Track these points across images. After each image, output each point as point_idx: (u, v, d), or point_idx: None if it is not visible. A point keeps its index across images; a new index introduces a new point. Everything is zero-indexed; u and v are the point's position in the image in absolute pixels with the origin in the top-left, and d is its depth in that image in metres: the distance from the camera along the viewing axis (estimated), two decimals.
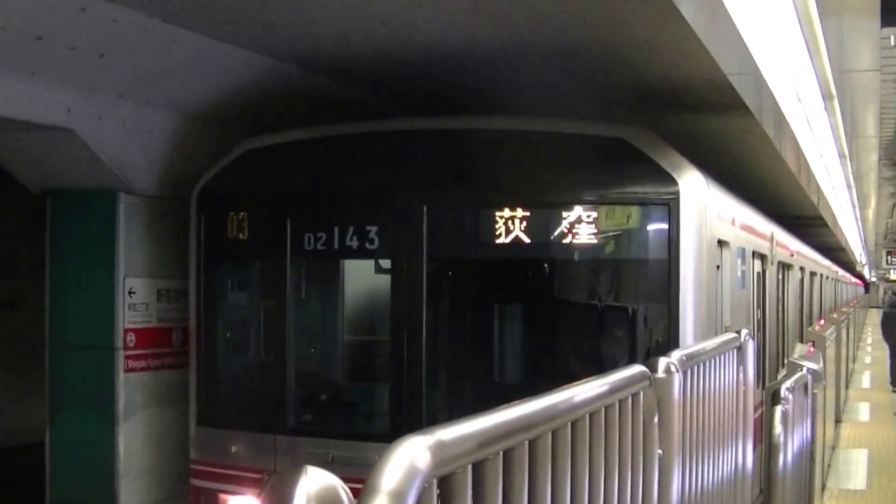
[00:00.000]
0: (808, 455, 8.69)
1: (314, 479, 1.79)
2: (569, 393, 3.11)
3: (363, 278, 10.23)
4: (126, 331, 10.26)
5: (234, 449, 9.81)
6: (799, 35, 7.82)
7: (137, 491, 10.45)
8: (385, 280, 9.64)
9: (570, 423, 3.02)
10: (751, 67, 8.08)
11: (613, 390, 3.51)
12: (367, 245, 9.51)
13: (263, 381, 10.26)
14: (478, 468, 2.44)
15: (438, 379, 9.52)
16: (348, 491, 1.83)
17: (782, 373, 11.67)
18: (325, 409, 10.32)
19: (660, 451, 4.15)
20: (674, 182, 8.80)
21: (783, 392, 7.02)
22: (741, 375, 6.17)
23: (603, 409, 3.35)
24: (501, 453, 2.54)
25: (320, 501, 1.76)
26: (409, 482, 2.00)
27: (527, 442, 2.70)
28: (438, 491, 2.23)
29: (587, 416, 3.18)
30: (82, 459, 10.41)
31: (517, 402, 2.76)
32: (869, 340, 51.66)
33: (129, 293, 10.26)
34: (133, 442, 10.38)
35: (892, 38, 6.62)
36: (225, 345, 10.70)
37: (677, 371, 4.24)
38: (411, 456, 2.05)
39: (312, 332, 10.83)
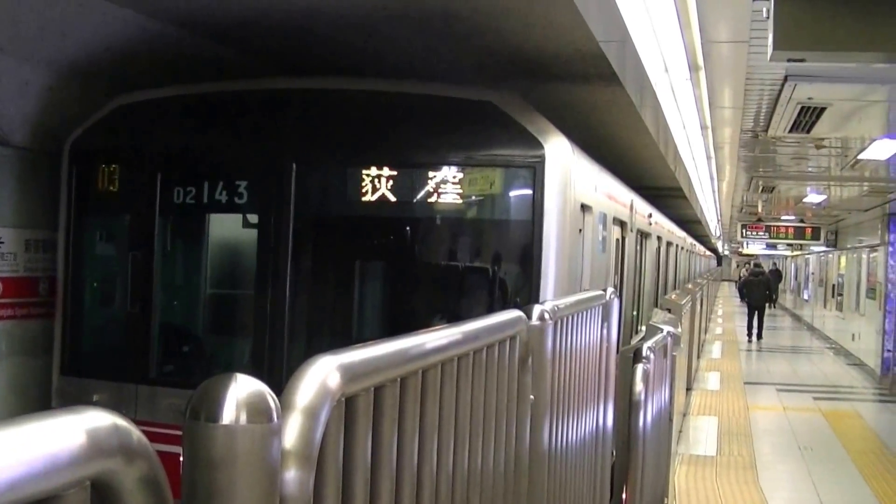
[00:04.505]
0: (666, 416, 8.90)
1: (243, 386, 1.79)
2: (457, 329, 3.22)
3: (230, 232, 10.26)
4: None
5: (95, 398, 9.77)
6: (671, 5, 7.93)
7: None
8: (251, 234, 9.69)
9: (456, 358, 3.14)
10: (622, 37, 8.21)
11: (495, 329, 3.65)
12: (236, 200, 9.56)
13: (127, 332, 10.22)
14: (378, 392, 2.53)
15: (301, 334, 9.58)
16: (276, 398, 1.84)
17: (636, 338, 11.91)
18: (187, 361, 10.35)
19: (532, 397, 4.30)
20: (540, 146, 8.97)
21: (645, 351, 7.18)
22: (605, 332, 6.35)
23: (485, 348, 3.48)
24: (399, 380, 2.65)
25: (250, 407, 1.77)
26: (322, 400, 2.06)
27: (420, 371, 2.81)
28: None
29: (472, 352, 3.30)
30: None
31: (411, 332, 2.87)
32: (720, 312, 52.81)
33: None
34: None
35: (764, 10, 6.81)
36: (91, 295, 10.63)
37: (550, 319, 4.39)
38: (324, 374, 2.11)
39: (177, 284, 10.81)
